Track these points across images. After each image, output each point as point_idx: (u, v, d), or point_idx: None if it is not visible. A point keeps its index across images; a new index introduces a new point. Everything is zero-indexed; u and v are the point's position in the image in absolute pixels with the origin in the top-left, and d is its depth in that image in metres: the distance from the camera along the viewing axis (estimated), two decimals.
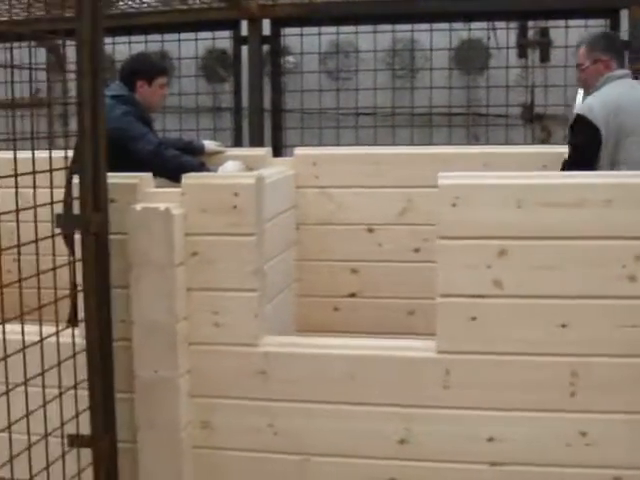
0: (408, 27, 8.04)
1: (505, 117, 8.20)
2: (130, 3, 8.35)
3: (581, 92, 5.34)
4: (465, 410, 3.26)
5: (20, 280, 2.86)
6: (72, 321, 3.95)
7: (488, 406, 3.24)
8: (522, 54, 8.75)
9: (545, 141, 8.78)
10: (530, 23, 8.61)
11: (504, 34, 8.22)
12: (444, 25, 7.90)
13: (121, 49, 8.41)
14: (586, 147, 4.63)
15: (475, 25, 8.08)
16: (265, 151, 5.39)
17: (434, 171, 3.45)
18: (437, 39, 8.05)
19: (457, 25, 8.05)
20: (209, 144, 5.61)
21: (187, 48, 8.59)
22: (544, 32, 8.66)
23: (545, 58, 8.69)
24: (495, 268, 3.19)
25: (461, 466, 3.29)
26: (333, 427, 3.39)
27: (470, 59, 8.61)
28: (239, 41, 8.13)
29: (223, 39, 8.37)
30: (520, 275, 3.19)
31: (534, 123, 8.69)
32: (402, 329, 4.81)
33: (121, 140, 4.87)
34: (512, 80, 8.21)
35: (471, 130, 8.31)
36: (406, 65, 8.63)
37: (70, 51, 3.30)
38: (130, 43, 8.43)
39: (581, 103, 4.82)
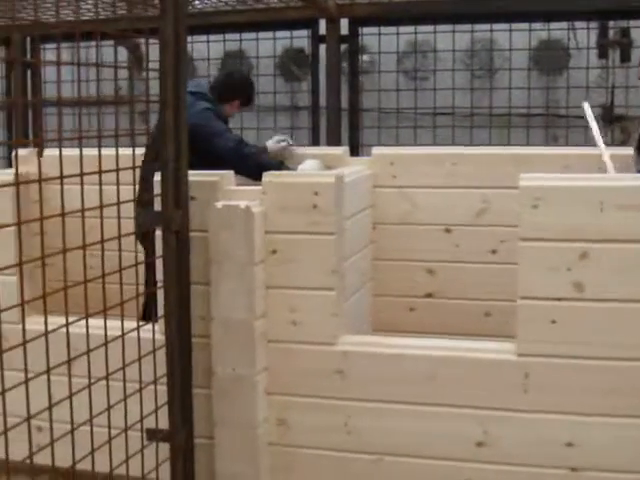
0: (487, 27, 7.97)
1: (585, 118, 8.10)
2: (207, 2, 8.41)
3: None
4: (544, 414, 3.24)
5: (103, 276, 2.90)
6: (143, 318, 4.00)
7: (567, 410, 3.21)
8: (602, 54, 8.63)
9: (625, 142, 8.65)
10: (611, 23, 8.49)
11: (584, 34, 8.11)
12: (523, 25, 7.82)
13: (199, 48, 8.48)
14: None
15: (555, 25, 7.99)
16: (342, 150, 5.40)
17: (512, 172, 3.43)
18: (516, 39, 7.97)
19: (536, 25, 7.96)
20: (272, 145, 5.51)
21: (265, 47, 8.62)
22: (625, 32, 8.53)
23: (626, 58, 8.55)
24: (576, 271, 3.16)
25: (539, 470, 3.25)
26: (409, 427, 3.38)
27: (549, 59, 8.53)
28: (317, 40, 8.13)
29: (301, 38, 8.38)
30: (601, 278, 3.15)
31: (614, 124, 8.57)
32: (478, 331, 4.77)
33: (201, 136, 4.90)
34: (592, 81, 8.10)
35: (550, 131, 8.22)
36: (484, 65, 8.56)
37: (152, 50, 3.33)
38: (208, 42, 8.49)
39: None
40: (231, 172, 3.64)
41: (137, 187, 3.28)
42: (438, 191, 4.98)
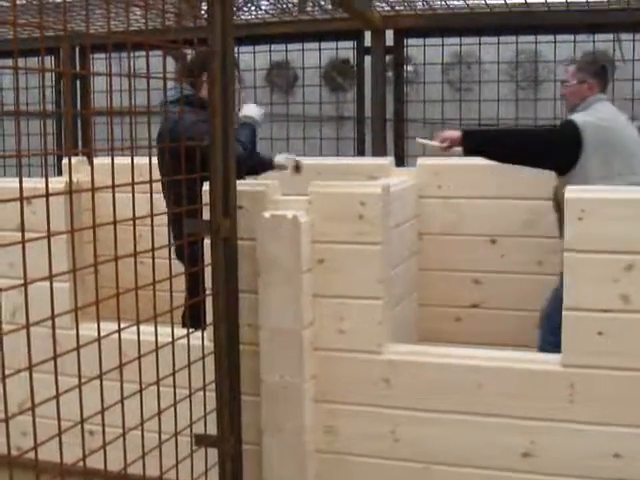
0: (531, 38, 7.97)
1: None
2: (254, 13, 8.48)
3: None
4: (590, 425, 3.23)
5: (154, 283, 2.95)
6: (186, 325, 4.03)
7: (614, 422, 3.20)
8: None
9: None
10: None
11: (630, 46, 8.07)
12: (568, 37, 7.81)
13: (246, 59, 8.55)
14: (561, 147, 4.67)
15: (599, 37, 7.97)
16: (388, 161, 5.42)
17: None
18: (561, 51, 7.95)
19: (581, 37, 7.94)
20: (279, 159, 5.36)
21: (310, 57, 8.67)
22: None
23: None
24: (622, 282, 3.15)
25: None
26: (456, 436, 3.39)
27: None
28: (362, 51, 8.17)
29: (346, 49, 8.42)
30: None
31: None
32: (524, 342, 4.76)
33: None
34: (638, 92, 8.06)
35: None
36: (529, 76, 8.55)
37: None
38: (255, 53, 8.56)
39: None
40: (277, 182, 3.67)
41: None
42: (483, 201, 5.00)
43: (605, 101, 4.97)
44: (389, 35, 8.00)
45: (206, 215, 3.32)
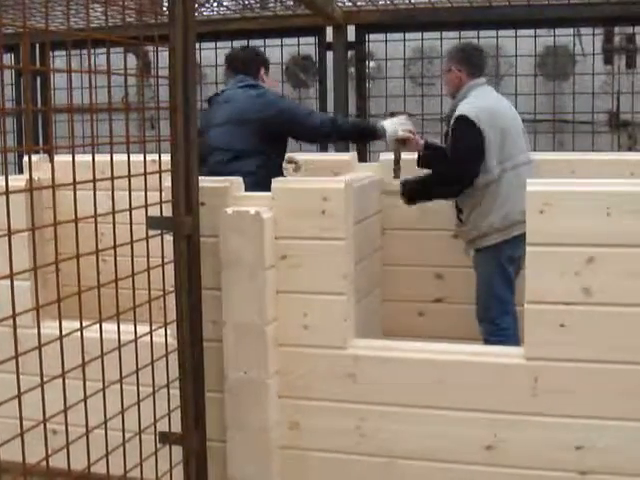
0: (492, 33, 7.99)
1: (591, 124, 8.11)
2: (215, 10, 8.45)
3: None
4: (553, 417, 3.25)
5: (117, 280, 2.93)
6: None
7: (577, 414, 3.22)
8: (608, 60, 8.66)
9: (631, 148, 8.68)
10: (616, 29, 8.52)
11: (590, 40, 8.13)
12: (529, 31, 7.84)
13: (207, 55, 8.51)
14: (473, 147, 4.76)
15: (560, 31, 8.01)
16: (350, 156, 5.43)
17: None
18: (521, 45, 7.99)
19: (542, 31, 7.98)
20: (390, 128, 5.11)
21: (272, 54, 8.65)
22: (630, 38, 8.56)
23: (631, 64, 8.60)
24: (584, 275, 3.17)
25: (549, 474, 3.27)
26: (420, 431, 3.40)
27: (555, 65, 8.55)
28: (324, 47, 8.16)
29: (308, 45, 8.41)
30: (609, 283, 3.16)
31: (620, 130, 8.58)
32: None
33: (295, 118, 5.02)
34: (598, 86, 8.12)
35: (557, 137, 8.23)
36: (490, 71, 8.57)
37: (160, 57, 3.38)
38: (217, 49, 8.52)
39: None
40: (240, 178, 3.66)
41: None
42: None
43: (482, 86, 5.06)
44: (351, 31, 8.00)
45: (167, 212, 3.31)
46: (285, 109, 4.98)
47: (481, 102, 4.88)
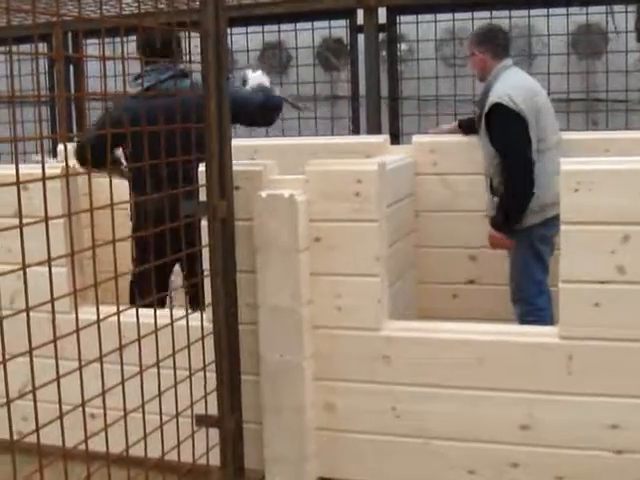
0: (525, 12, 7.93)
1: (625, 102, 8.04)
2: None
3: None
4: (588, 397, 3.25)
5: (152, 266, 2.95)
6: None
7: (612, 393, 3.22)
8: None
9: None
10: None
11: (622, 18, 8.05)
12: (561, 10, 7.78)
13: (238, 39, 8.51)
14: (517, 133, 4.71)
15: (593, 9, 7.94)
16: (383, 139, 5.43)
17: None
18: (554, 24, 7.92)
19: (574, 9, 7.91)
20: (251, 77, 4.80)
21: (303, 37, 8.64)
22: None
23: None
24: (618, 254, 3.16)
25: (584, 453, 3.27)
26: (455, 411, 3.41)
27: (588, 44, 8.49)
28: (355, 30, 8.14)
29: (339, 28, 8.39)
30: None
31: None
32: None
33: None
34: (631, 64, 8.04)
35: (590, 116, 8.17)
36: (523, 51, 8.53)
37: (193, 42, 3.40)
38: (247, 34, 8.53)
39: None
40: (274, 162, 3.66)
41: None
42: (478, 177, 4.99)
43: (509, 68, 5.01)
44: (382, 13, 7.97)
45: (203, 196, 3.33)
46: None
47: (513, 83, 4.84)
